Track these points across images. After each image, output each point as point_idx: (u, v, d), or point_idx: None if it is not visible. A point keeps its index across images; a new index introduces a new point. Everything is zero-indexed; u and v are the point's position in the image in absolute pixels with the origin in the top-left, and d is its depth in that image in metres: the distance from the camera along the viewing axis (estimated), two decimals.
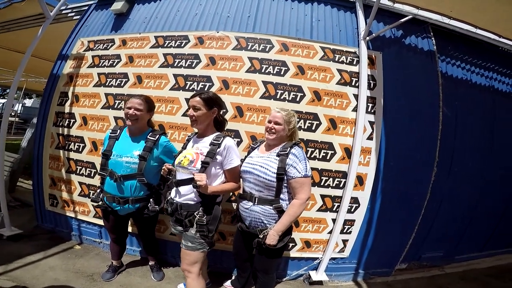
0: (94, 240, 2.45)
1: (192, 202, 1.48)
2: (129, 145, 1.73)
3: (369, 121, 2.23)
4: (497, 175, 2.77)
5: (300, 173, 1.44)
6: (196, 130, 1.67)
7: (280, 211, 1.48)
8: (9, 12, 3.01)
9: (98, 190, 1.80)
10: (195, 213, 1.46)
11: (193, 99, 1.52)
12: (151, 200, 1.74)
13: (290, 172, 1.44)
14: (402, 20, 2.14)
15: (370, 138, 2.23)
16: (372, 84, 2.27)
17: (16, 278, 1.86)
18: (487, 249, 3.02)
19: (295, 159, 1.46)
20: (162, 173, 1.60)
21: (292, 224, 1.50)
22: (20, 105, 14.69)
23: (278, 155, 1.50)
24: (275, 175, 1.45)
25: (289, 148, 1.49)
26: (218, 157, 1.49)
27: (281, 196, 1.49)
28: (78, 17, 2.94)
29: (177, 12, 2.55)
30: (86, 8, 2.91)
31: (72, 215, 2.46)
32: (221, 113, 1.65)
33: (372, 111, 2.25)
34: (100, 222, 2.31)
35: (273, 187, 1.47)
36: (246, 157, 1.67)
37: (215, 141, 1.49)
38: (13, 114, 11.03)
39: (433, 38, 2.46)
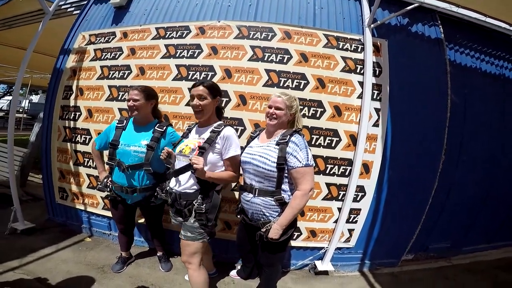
0: (103, 232, 2.51)
1: (191, 191, 1.46)
2: (137, 135, 1.76)
3: (374, 108, 2.18)
4: (507, 164, 2.69)
5: (300, 162, 1.35)
6: (197, 120, 1.63)
7: (282, 203, 1.42)
8: (8, 9, 3.04)
9: (105, 180, 1.83)
10: (193, 202, 1.44)
11: (196, 88, 1.47)
12: (157, 189, 1.76)
13: (290, 161, 1.37)
14: (408, 8, 2.06)
15: (376, 125, 2.19)
16: (377, 71, 2.22)
17: (31, 271, 1.91)
18: (495, 240, 2.97)
19: (295, 148, 1.38)
20: (161, 157, 1.53)
21: (296, 216, 1.43)
22: (27, 101, 14.96)
23: (277, 143, 1.42)
24: (275, 165, 1.38)
25: (288, 136, 1.41)
26: (217, 145, 1.45)
27: (283, 187, 1.42)
28: (78, 11, 2.93)
29: (177, 3, 2.52)
30: (86, 2, 2.89)
31: (82, 207, 2.52)
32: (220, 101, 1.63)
33: (378, 98, 2.20)
34: (109, 214, 2.34)
35: (274, 177, 1.40)
36: (245, 146, 1.62)
37: (216, 129, 1.48)
38: (20, 110, 11.25)
39: (440, 26, 2.38)
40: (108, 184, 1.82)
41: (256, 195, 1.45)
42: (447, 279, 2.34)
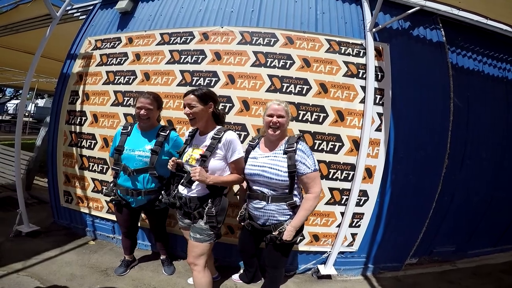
0: (107, 235, 2.53)
1: (200, 195, 1.51)
2: (141, 140, 1.79)
3: (377, 113, 2.19)
4: None
5: (310, 168, 1.43)
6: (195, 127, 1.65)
7: (294, 207, 1.48)
8: (16, 14, 3.09)
9: (111, 184, 1.86)
10: (203, 205, 1.49)
11: (186, 97, 1.50)
12: (162, 192, 1.78)
13: (300, 168, 1.44)
14: (409, 11, 2.07)
15: (378, 129, 2.19)
16: (379, 76, 2.23)
17: (35, 273, 1.93)
18: (501, 244, 2.94)
19: (303, 155, 1.45)
20: (169, 167, 1.55)
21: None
22: (33, 105, 15.16)
23: (285, 152, 1.47)
24: (287, 174, 1.43)
25: (295, 144, 1.47)
26: (219, 151, 1.48)
27: (294, 192, 1.49)
28: (84, 16, 2.99)
29: (181, 9, 2.56)
30: (91, 7, 2.96)
31: (86, 211, 2.54)
32: (218, 107, 1.63)
33: (381, 102, 2.21)
34: (113, 217, 2.37)
35: (287, 186, 1.46)
36: (247, 157, 1.62)
37: (216, 135, 1.50)
38: (26, 114, 11.38)
39: (442, 30, 2.39)
40: (113, 189, 1.85)
41: (270, 202, 1.49)
42: (452, 283, 2.32)
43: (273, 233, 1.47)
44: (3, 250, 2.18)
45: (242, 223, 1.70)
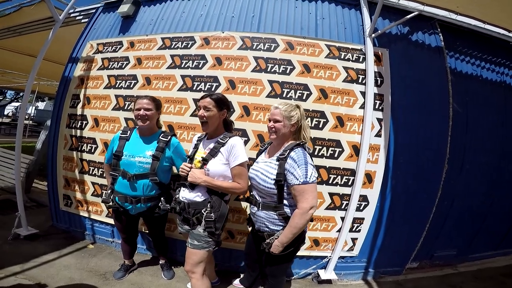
0: (106, 239, 2.52)
1: (200, 200, 1.50)
2: (141, 145, 1.76)
3: (377, 118, 2.20)
4: None
5: (298, 179, 1.29)
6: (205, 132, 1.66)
7: (285, 217, 1.39)
8: (19, 16, 3.11)
9: (109, 191, 1.83)
10: (202, 210, 1.47)
11: (203, 99, 1.50)
12: (162, 199, 1.77)
13: (288, 178, 1.33)
14: (408, 16, 2.10)
15: (378, 135, 2.20)
16: (379, 81, 2.25)
17: (33, 277, 1.92)
18: (502, 247, 2.94)
19: (293, 164, 1.32)
20: (180, 173, 1.55)
21: (301, 232, 1.38)
22: (33, 108, 15.16)
23: (277, 159, 1.39)
24: (273, 182, 1.36)
25: (288, 151, 1.36)
26: (221, 155, 1.47)
27: (285, 202, 1.39)
28: (86, 20, 3.01)
29: (182, 14, 2.58)
30: (94, 11, 2.97)
31: (86, 214, 2.53)
32: (228, 114, 1.64)
33: (380, 108, 2.22)
34: (113, 221, 2.35)
35: (274, 194, 1.39)
36: (254, 161, 1.63)
37: (220, 140, 1.50)
38: (26, 117, 11.37)
39: (440, 34, 2.41)
40: (111, 196, 1.81)
41: (260, 209, 1.46)
42: (453, 287, 2.31)
43: (266, 241, 1.43)
44: (1, 253, 2.17)
45: (249, 227, 1.70)
